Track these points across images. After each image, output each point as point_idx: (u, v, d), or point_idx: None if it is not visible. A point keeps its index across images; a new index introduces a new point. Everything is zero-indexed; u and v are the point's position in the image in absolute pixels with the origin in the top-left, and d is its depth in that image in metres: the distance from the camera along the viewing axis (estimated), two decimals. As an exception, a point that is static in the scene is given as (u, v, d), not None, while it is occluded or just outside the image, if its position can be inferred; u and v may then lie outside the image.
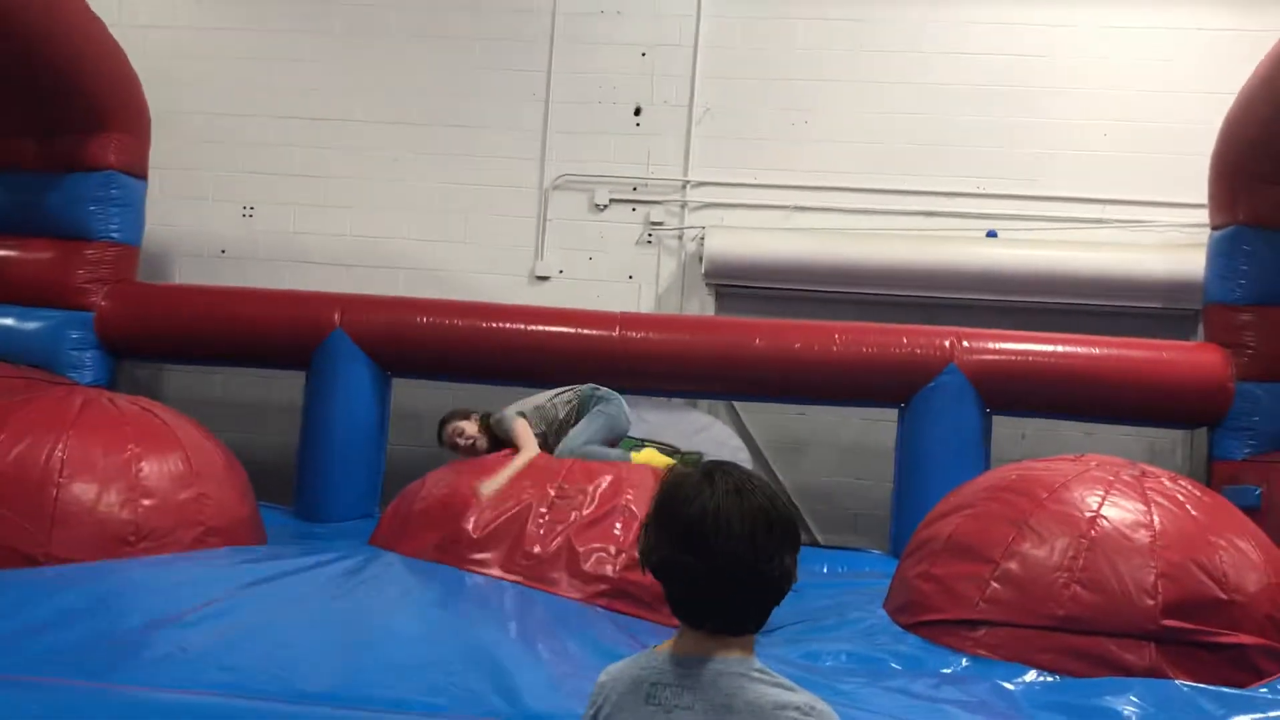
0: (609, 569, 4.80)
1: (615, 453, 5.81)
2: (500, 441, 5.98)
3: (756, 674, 1.77)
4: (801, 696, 1.75)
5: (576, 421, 6.07)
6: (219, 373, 8.43)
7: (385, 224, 8.64)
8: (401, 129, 8.68)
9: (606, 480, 5.12)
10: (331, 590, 4.42)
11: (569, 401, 6.22)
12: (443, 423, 6.35)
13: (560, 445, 5.84)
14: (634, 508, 4.97)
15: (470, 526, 4.96)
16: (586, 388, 6.31)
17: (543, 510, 4.96)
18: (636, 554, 4.67)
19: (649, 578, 1.88)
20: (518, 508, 4.99)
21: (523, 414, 6.01)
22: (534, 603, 4.55)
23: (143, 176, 7.78)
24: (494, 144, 8.60)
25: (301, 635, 3.88)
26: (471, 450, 6.11)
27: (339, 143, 8.70)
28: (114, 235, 7.60)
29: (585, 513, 4.95)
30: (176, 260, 8.75)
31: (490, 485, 5.21)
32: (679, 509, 1.78)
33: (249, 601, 4.21)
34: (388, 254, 8.59)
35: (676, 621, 1.88)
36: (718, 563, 1.77)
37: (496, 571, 4.80)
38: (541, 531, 4.89)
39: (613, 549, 4.85)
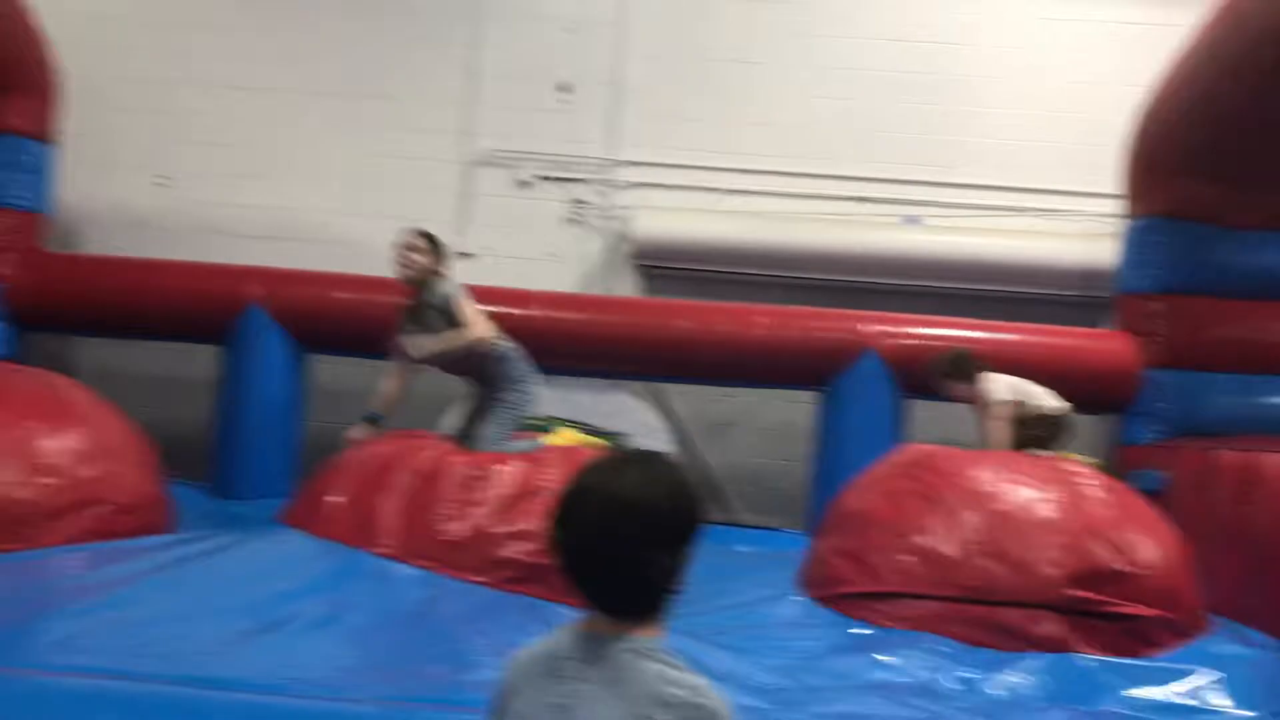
0: (521, 553, 4.70)
1: (525, 445, 5.65)
2: (429, 306, 5.43)
3: (653, 653, 1.78)
4: (694, 679, 1.76)
5: (482, 373, 5.60)
6: (134, 346, 8.22)
7: (306, 196, 8.49)
8: (324, 100, 8.53)
9: (519, 463, 5.04)
10: (234, 574, 4.35)
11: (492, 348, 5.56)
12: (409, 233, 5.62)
13: (475, 441, 5.48)
14: (548, 487, 4.90)
15: (381, 511, 4.84)
16: (510, 346, 5.65)
17: (453, 495, 4.86)
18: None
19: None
20: (430, 492, 4.87)
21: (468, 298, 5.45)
22: (442, 589, 4.49)
23: (50, 141, 7.55)
24: (418, 117, 8.48)
25: (200, 621, 3.81)
26: (406, 272, 5.48)
27: (260, 113, 8.52)
28: (19, 202, 7.37)
29: (497, 496, 4.84)
30: (89, 230, 8.51)
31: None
32: (565, 485, 1.80)
33: (148, 587, 4.13)
34: (308, 227, 8.45)
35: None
36: (570, 541, 1.80)
37: (406, 556, 4.70)
38: (452, 516, 4.78)
39: (525, 533, 4.73)
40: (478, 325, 5.39)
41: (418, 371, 5.68)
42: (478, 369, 5.61)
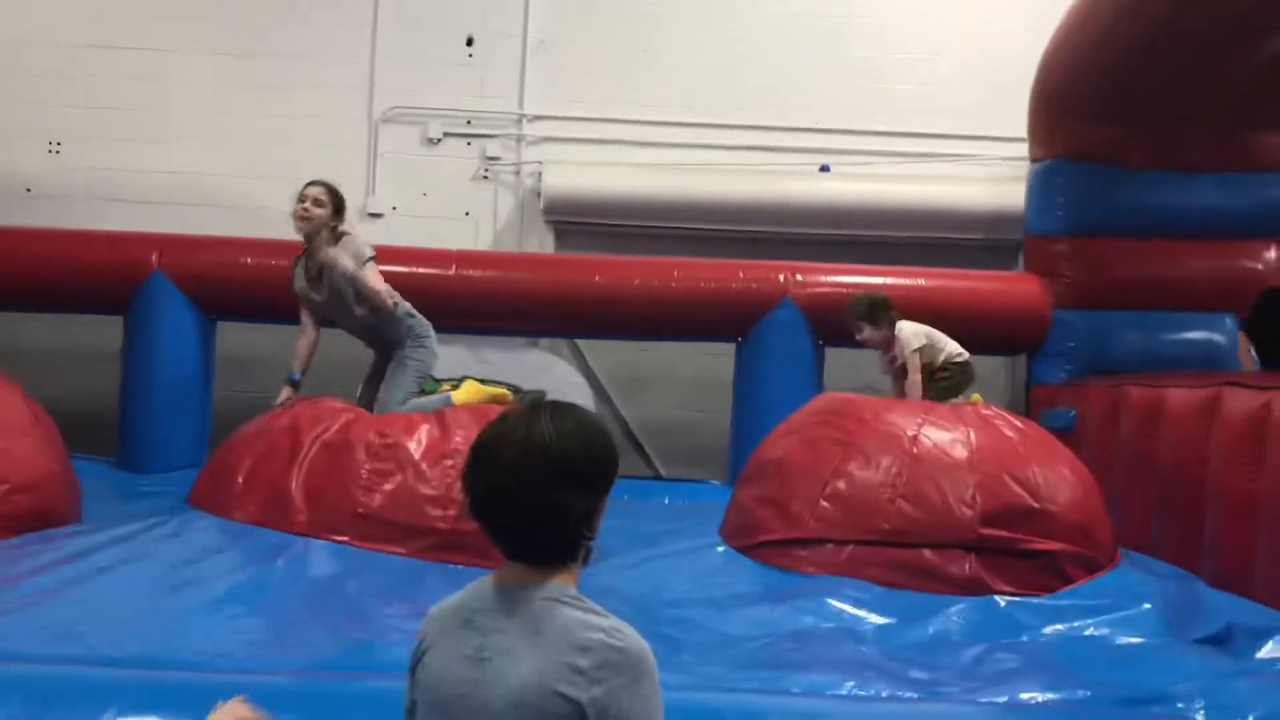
0: (439, 521, 4.60)
1: (436, 399, 5.52)
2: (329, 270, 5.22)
3: (568, 599, 1.78)
4: (609, 621, 1.76)
5: (381, 335, 5.43)
6: (31, 319, 7.92)
7: (205, 160, 8.21)
8: (219, 59, 8.24)
9: (431, 426, 4.89)
10: (144, 562, 4.24)
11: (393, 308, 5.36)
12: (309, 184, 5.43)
13: (377, 406, 5.33)
14: (461, 450, 4.76)
15: (291, 488, 4.66)
16: (408, 306, 5.46)
17: (366, 466, 4.70)
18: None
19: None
20: (341, 463, 4.71)
21: (373, 259, 5.26)
22: (356, 561, 4.41)
23: (-67, 109, 7.21)
24: (318, 74, 8.25)
25: (111, 607, 3.72)
26: (305, 222, 5.30)
27: (153, 74, 8.21)
28: (-98, 173, 7.03)
29: (411, 464, 4.70)
30: (-22, 200, 8.16)
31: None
32: (479, 435, 1.77)
33: (61, 577, 4.04)
34: (208, 192, 8.19)
35: None
36: (481, 489, 1.80)
37: (321, 533, 4.56)
38: (366, 488, 4.64)
39: (440, 499, 4.63)
40: (380, 290, 5.21)
41: (324, 323, 5.54)
42: (376, 330, 5.47)
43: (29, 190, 8.18)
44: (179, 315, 7.03)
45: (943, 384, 5.96)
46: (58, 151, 8.22)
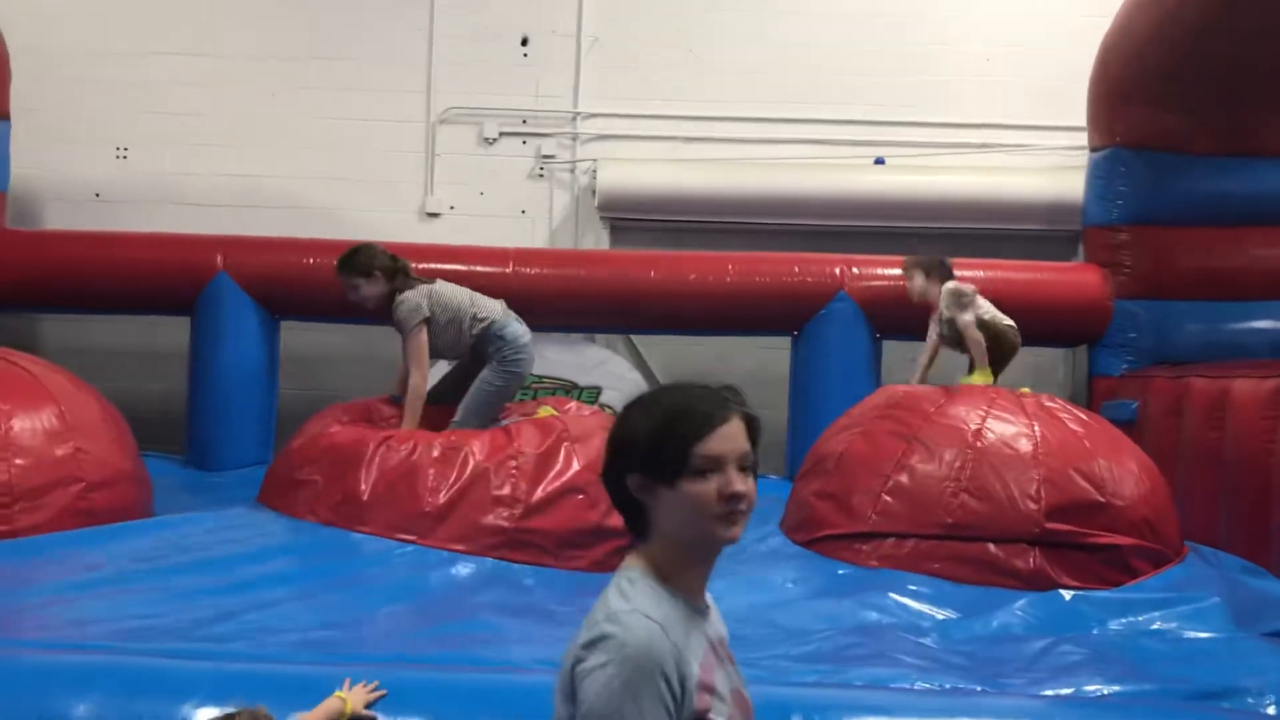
0: (504, 520, 4.65)
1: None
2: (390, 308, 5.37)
3: (623, 578, 1.79)
4: (627, 605, 1.73)
5: (473, 353, 5.47)
6: (100, 321, 8.12)
7: (267, 163, 8.35)
8: (280, 63, 8.37)
9: (495, 430, 4.95)
10: (216, 557, 4.36)
11: (481, 321, 5.42)
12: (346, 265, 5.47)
13: (453, 424, 5.31)
14: (524, 451, 4.80)
15: (359, 488, 4.72)
16: (497, 320, 5.45)
17: (432, 466, 4.75)
18: (532, 501, 4.63)
19: (546, 523, 1.86)
20: (407, 464, 4.77)
21: (428, 319, 5.33)
22: (427, 561, 4.47)
23: (4, 117, 7.40)
24: (377, 77, 8.35)
25: (187, 600, 3.83)
26: (366, 305, 5.49)
27: (216, 79, 8.36)
28: (-24, 180, 7.24)
29: (476, 463, 4.74)
30: (48, 206, 8.36)
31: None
32: None
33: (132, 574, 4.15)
34: (271, 194, 8.33)
35: (574, 565, 1.96)
36: None
37: (388, 532, 4.62)
38: (433, 489, 4.69)
39: (506, 498, 4.67)
40: (420, 353, 5.28)
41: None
42: (468, 349, 5.48)
43: (98, 195, 8.37)
44: (243, 315, 7.15)
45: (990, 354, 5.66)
46: (125, 157, 8.40)
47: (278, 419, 7.32)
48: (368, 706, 2.77)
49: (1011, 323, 5.75)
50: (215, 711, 2.68)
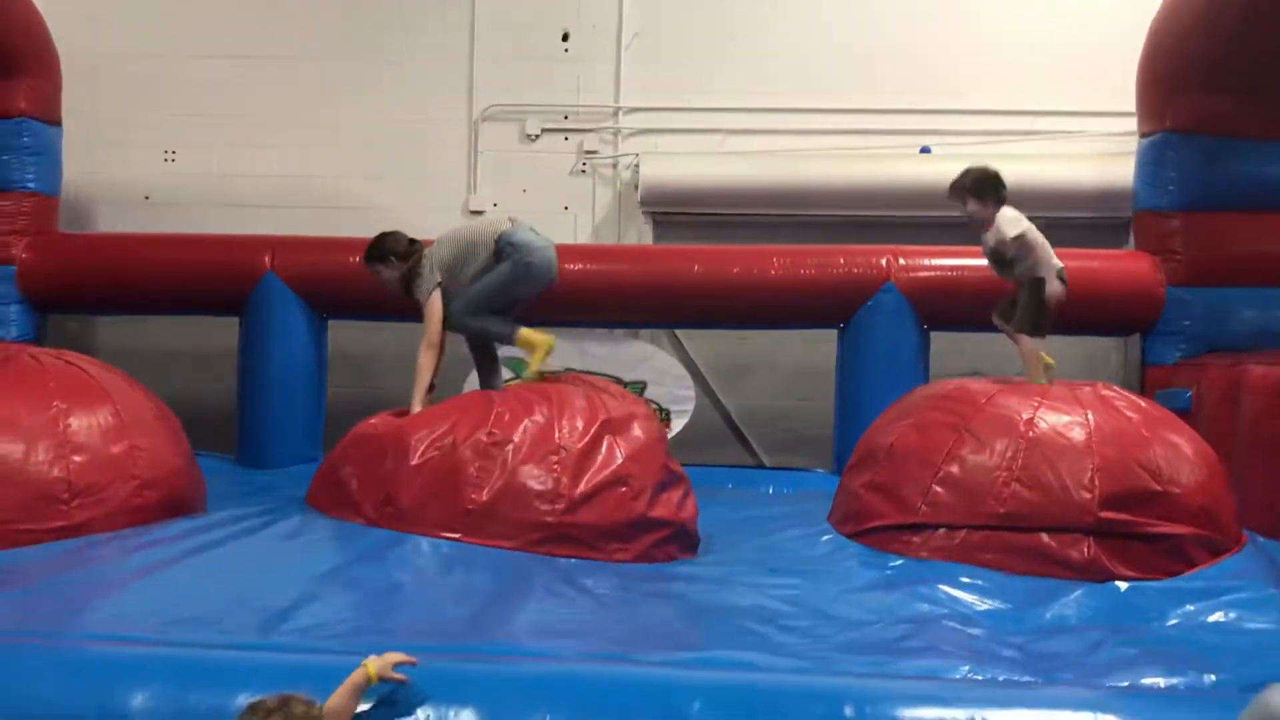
0: (547, 515, 4.63)
1: (498, 323, 5.50)
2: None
3: None
4: None
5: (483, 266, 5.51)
6: (152, 322, 8.25)
7: (313, 163, 8.44)
8: (323, 64, 8.45)
9: (538, 417, 4.89)
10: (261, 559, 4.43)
11: (487, 246, 5.49)
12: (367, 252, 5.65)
13: (452, 305, 5.40)
14: (566, 445, 4.76)
15: (401, 488, 4.73)
16: (506, 230, 5.53)
17: (474, 463, 4.73)
18: (575, 495, 4.60)
19: (590, 517, 1.83)
20: (449, 463, 4.75)
21: (440, 283, 5.44)
22: (470, 558, 4.46)
23: (56, 122, 7.54)
24: (419, 76, 8.40)
25: (237, 595, 3.91)
26: (384, 286, 5.68)
27: (260, 81, 8.46)
28: (30, 185, 7.37)
29: (518, 458, 4.72)
30: (99, 208, 8.50)
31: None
32: None
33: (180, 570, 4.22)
34: (317, 193, 8.41)
35: (619, 557, 1.92)
36: None
37: (433, 531, 4.62)
38: (475, 485, 4.67)
39: (549, 493, 4.65)
40: (432, 320, 5.42)
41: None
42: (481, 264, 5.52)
43: (147, 198, 8.50)
44: (291, 315, 7.24)
45: (1026, 299, 5.29)
46: (173, 160, 8.52)
47: (327, 417, 7.39)
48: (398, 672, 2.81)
49: (1061, 266, 5.37)
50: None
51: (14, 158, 7.29)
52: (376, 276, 5.67)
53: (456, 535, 4.63)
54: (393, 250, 5.57)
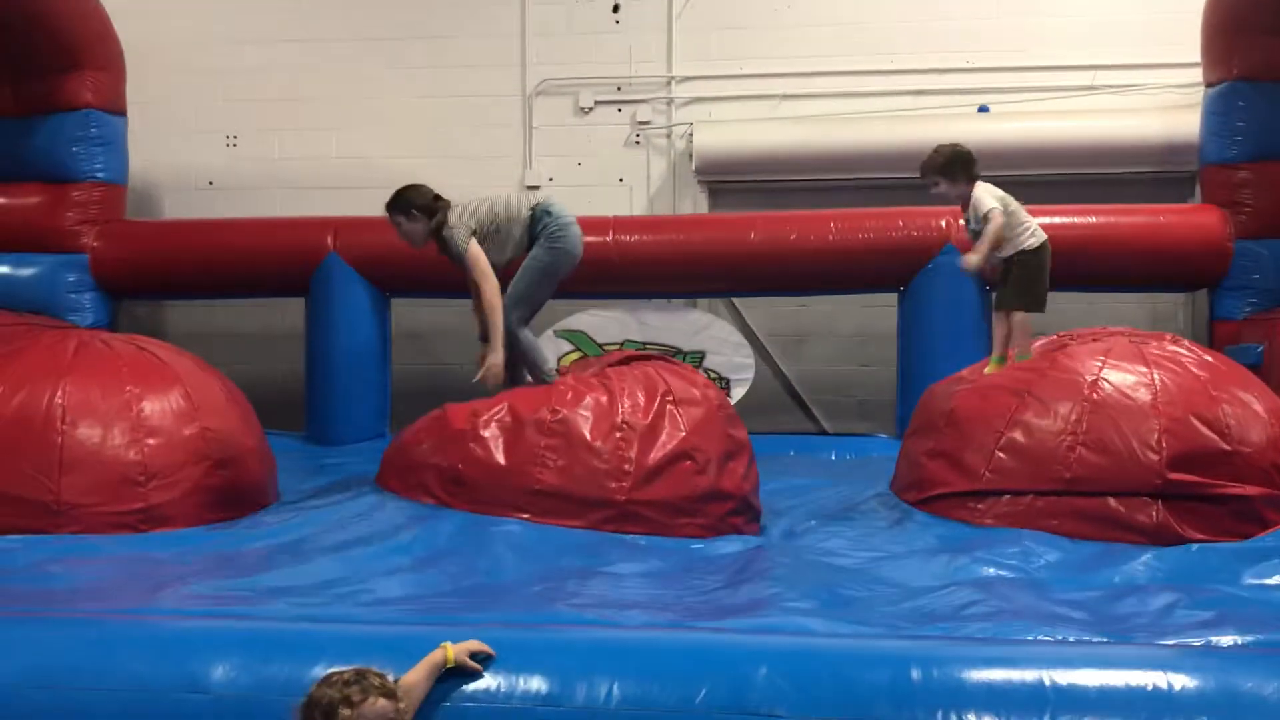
0: (615, 493, 4.63)
1: (543, 359, 5.44)
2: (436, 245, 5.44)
3: None
4: None
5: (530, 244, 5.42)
6: (221, 305, 8.42)
7: (369, 143, 8.53)
8: (377, 44, 8.52)
9: (599, 397, 4.87)
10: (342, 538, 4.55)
11: (518, 218, 5.43)
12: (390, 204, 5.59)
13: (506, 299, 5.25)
14: (630, 421, 4.75)
15: (468, 469, 4.75)
16: (541, 202, 5.50)
17: (540, 442, 4.73)
18: (642, 471, 4.57)
19: (658, 493, 1.81)
20: (516, 444, 4.76)
21: (475, 232, 5.34)
22: (541, 537, 4.49)
23: (121, 112, 7.70)
24: (471, 53, 8.44)
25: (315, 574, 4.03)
26: (416, 247, 5.60)
27: (316, 64, 8.56)
28: (99, 175, 7.55)
29: (583, 437, 4.71)
30: (164, 195, 8.68)
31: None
32: None
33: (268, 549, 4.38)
34: (375, 174, 8.45)
35: (686, 532, 1.91)
36: None
37: (502, 510, 4.65)
38: (541, 464, 4.68)
39: (615, 470, 4.64)
40: (480, 263, 5.29)
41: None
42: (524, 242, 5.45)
43: (211, 183, 8.66)
44: (355, 294, 7.36)
45: (1019, 275, 5.10)
46: (235, 145, 8.66)
47: (392, 394, 7.50)
48: (476, 661, 2.85)
49: (1044, 238, 5.20)
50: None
51: (82, 149, 7.47)
52: (398, 229, 5.55)
53: (526, 515, 4.65)
54: (415, 202, 5.46)
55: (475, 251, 5.31)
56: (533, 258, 5.38)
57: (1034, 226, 5.22)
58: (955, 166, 5.20)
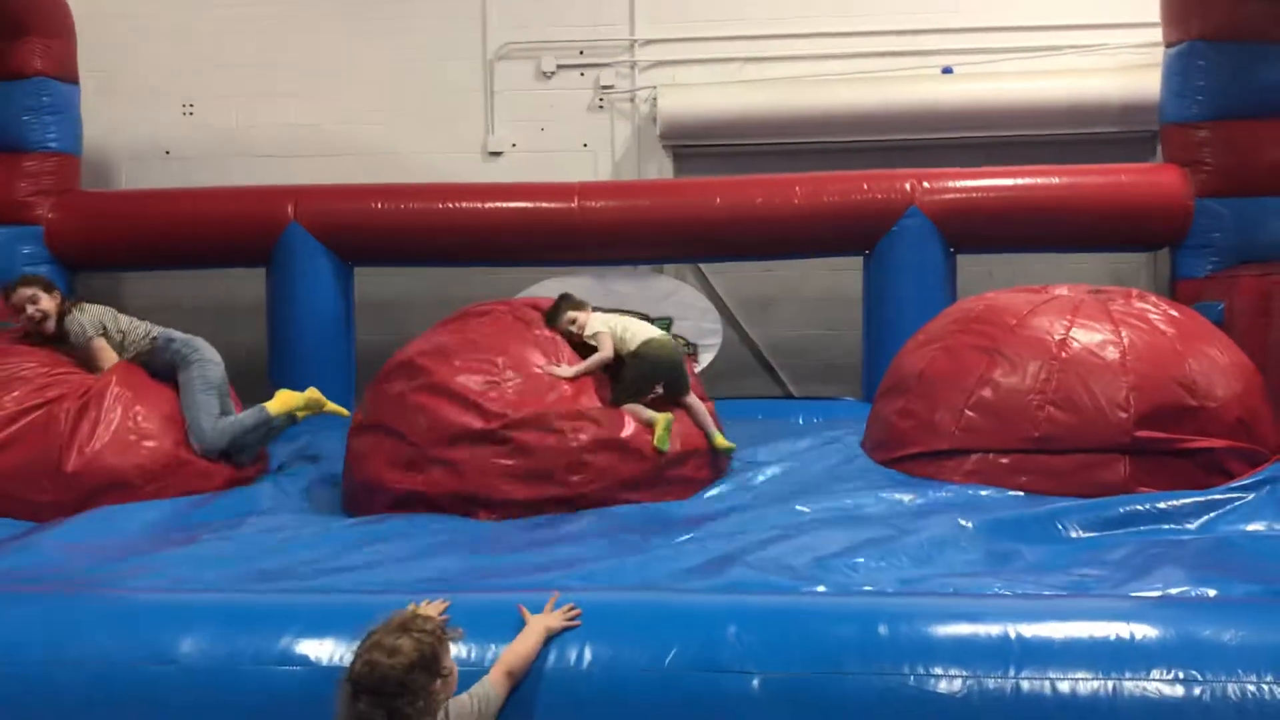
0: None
1: (251, 413, 5.46)
2: (65, 338, 5.36)
3: None
4: None
5: (148, 367, 5.39)
6: (180, 276, 8.30)
7: (330, 110, 8.40)
8: (336, 8, 8.37)
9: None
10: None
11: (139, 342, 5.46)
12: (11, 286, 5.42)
13: (190, 434, 5.18)
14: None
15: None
16: (160, 331, 5.52)
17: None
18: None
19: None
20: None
21: (105, 332, 5.38)
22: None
23: (73, 80, 7.53)
24: (432, 16, 8.30)
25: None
26: (44, 326, 5.37)
27: (274, 30, 8.40)
28: (51, 144, 7.38)
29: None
30: (120, 166, 8.53)
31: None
32: None
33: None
34: (336, 141, 8.39)
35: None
36: None
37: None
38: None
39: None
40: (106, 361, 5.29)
41: None
42: (147, 367, 5.42)
43: (168, 153, 8.51)
44: (317, 264, 7.27)
45: (629, 376, 4.92)
46: (191, 113, 8.52)
47: (357, 365, 7.44)
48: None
49: (649, 338, 5.04)
50: (321, 643, 2.81)
51: (34, 118, 7.30)
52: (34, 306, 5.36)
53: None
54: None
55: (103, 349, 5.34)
56: (191, 379, 5.33)
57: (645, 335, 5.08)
58: (560, 307, 5.14)
